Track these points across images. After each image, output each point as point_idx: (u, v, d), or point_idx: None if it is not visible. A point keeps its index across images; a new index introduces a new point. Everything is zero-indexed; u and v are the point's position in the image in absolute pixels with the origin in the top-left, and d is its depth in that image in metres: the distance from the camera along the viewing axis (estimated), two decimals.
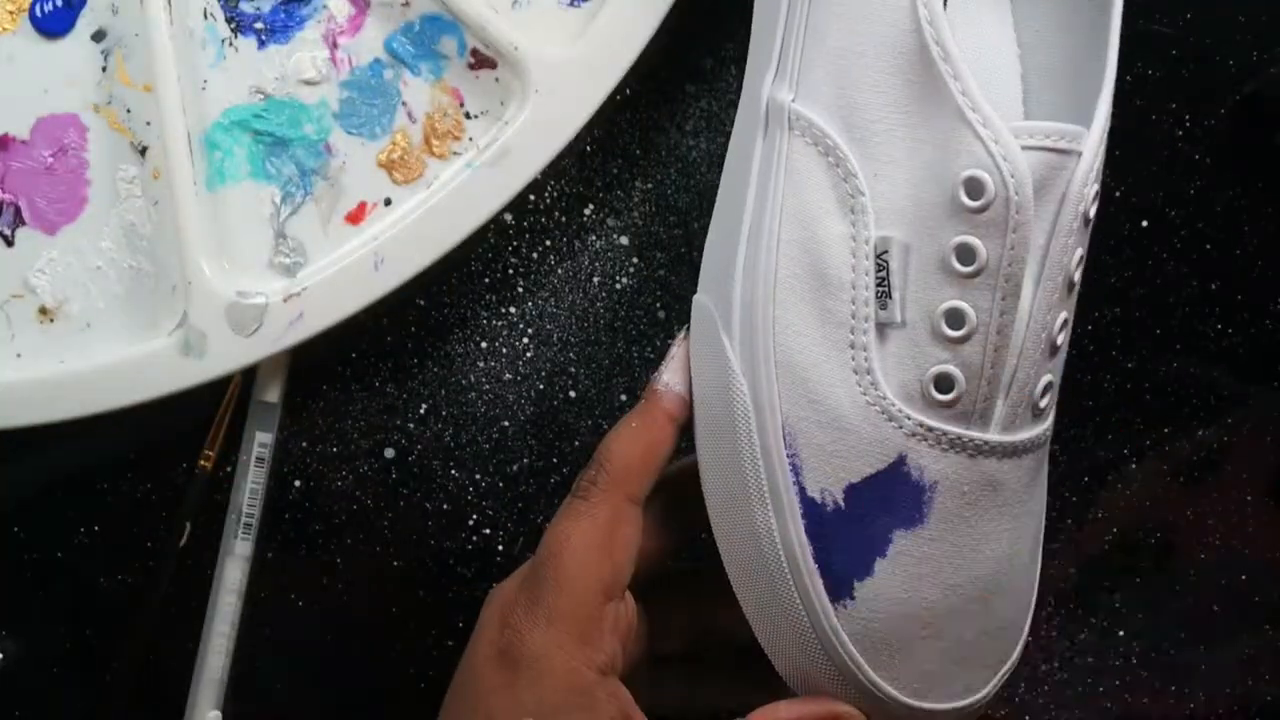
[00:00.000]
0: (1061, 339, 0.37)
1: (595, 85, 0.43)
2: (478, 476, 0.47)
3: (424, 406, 0.47)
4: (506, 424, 0.47)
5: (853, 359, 0.38)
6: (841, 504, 0.38)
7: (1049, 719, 0.47)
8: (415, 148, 0.44)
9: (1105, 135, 0.36)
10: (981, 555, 0.38)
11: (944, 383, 0.37)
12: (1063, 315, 0.37)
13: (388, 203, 0.44)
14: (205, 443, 0.46)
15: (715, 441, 0.39)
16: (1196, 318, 0.46)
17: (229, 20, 0.44)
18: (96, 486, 0.47)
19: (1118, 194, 0.46)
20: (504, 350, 0.47)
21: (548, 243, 0.46)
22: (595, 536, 0.36)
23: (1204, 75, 0.45)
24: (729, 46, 0.46)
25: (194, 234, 0.43)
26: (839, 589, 0.38)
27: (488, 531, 0.47)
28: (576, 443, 0.46)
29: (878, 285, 0.37)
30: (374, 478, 0.47)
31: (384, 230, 0.43)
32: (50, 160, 0.44)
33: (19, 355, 0.44)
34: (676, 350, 0.39)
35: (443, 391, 0.47)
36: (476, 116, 0.44)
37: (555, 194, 0.46)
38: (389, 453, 0.47)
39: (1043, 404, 0.37)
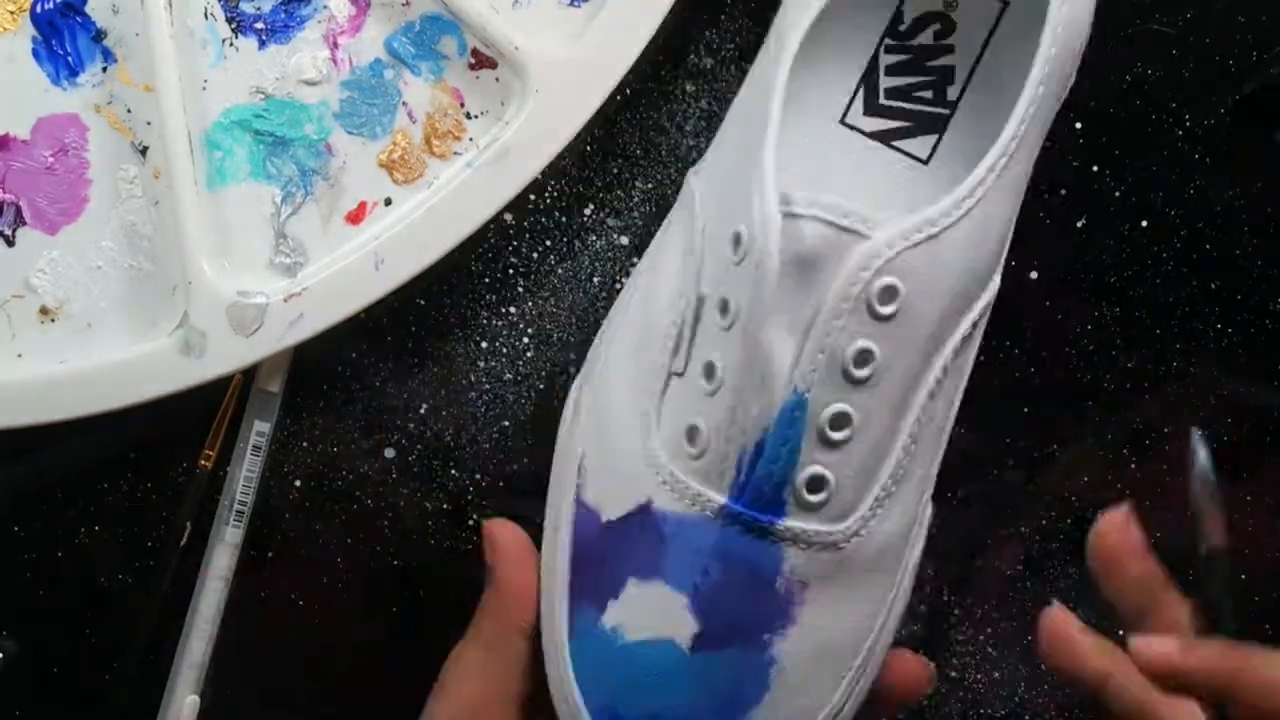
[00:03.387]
0: (843, 434, 0.35)
1: (595, 85, 0.43)
2: (478, 476, 0.47)
3: (424, 406, 0.47)
4: (506, 424, 0.47)
5: (644, 403, 0.38)
6: (597, 541, 0.38)
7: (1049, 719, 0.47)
8: (415, 148, 0.44)
9: (928, 230, 0.34)
10: (736, 636, 0.36)
11: (692, 434, 0.36)
12: (837, 407, 0.34)
13: (388, 203, 0.44)
14: (205, 442, 0.46)
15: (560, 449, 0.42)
16: (1196, 318, 0.46)
17: (229, 20, 0.44)
18: (96, 486, 0.47)
19: (1118, 194, 0.46)
20: (504, 350, 0.47)
21: (548, 243, 0.46)
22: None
23: (1204, 75, 0.45)
24: (729, 47, 0.46)
25: (194, 234, 0.43)
26: (576, 620, 0.38)
27: None
28: None
29: (676, 335, 0.37)
30: (374, 478, 0.47)
31: (384, 230, 0.43)
32: (51, 160, 0.44)
33: (19, 355, 0.44)
34: None
35: (443, 391, 0.47)
36: (477, 116, 0.44)
37: (555, 194, 0.46)
38: (389, 453, 0.47)
39: (813, 498, 0.35)
